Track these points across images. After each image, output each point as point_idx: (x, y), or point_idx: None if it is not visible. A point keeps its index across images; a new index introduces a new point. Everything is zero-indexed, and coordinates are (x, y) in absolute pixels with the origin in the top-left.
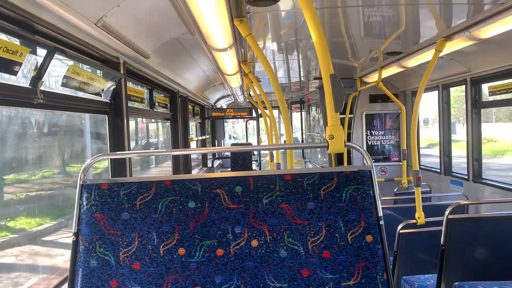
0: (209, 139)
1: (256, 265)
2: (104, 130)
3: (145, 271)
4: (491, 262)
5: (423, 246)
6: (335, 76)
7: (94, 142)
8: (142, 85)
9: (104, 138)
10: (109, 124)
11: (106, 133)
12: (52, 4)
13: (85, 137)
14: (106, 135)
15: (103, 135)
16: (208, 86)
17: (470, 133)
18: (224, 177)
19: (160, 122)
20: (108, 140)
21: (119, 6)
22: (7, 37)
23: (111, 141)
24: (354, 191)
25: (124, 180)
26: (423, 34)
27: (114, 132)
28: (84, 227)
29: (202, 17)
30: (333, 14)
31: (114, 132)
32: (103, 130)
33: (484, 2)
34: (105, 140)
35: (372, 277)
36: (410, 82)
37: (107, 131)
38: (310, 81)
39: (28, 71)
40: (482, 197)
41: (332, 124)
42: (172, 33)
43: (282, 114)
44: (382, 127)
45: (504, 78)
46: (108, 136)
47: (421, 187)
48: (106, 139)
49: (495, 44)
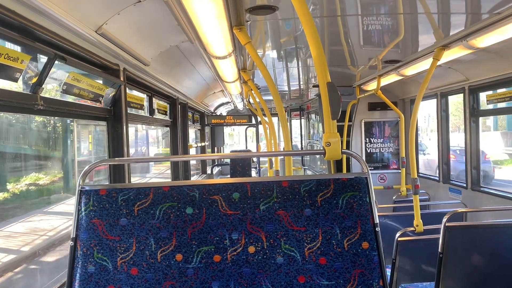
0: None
1: (253, 271)
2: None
3: (143, 276)
4: (489, 270)
5: (422, 254)
6: (332, 84)
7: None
8: (142, 92)
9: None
10: (109, 131)
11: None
12: (53, 12)
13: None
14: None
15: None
16: (207, 93)
17: (469, 142)
18: (222, 184)
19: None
20: (108, 146)
21: (119, 14)
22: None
23: (110, 147)
24: (350, 198)
25: (122, 186)
26: (421, 43)
27: (114, 138)
28: (82, 233)
29: (201, 25)
30: (332, 23)
31: (114, 138)
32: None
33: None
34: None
35: (368, 283)
36: (409, 90)
37: (107, 138)
38: (310, 88)
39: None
40: (480, 205)
41: (329, 132)
42: (171, 40)
43: (280, 121)
44: (381, 135)
45: (501, 86)
46: (108, 142)
47: (420, 195)
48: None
49: (492, 53)
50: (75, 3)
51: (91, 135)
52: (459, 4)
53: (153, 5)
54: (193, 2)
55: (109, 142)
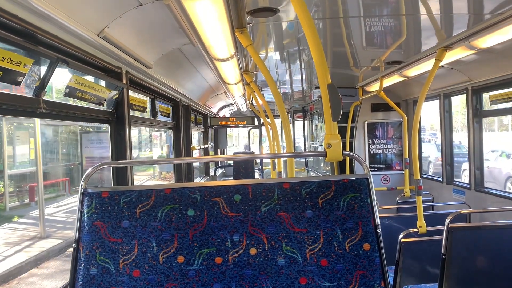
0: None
1: (255, 273)
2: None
3: (145, 278)
4: (492, 271)
5: (425, 255)
6: (333, 85)
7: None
8: (145, 95)
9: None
10: (112, 133)
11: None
12: (55, 16)
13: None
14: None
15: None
16: (210, 95)
17: (472, 142)
18: (223, 186)
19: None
20: (111, 148)
21: (121, 17)
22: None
23: (113, 150)
24: (351, 200)
25: (124, 189)
26: (424, 44)
27: (117, 141)
28: (84, 235)
29: (203, 28)
30: (335, 24)
31: (117, 141)
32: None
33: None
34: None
35: (370, 285)
36: (411, 91)
37: (110, 140)
38: (313, 90)
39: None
40: (484, 206)
41: (330, 133)
42: (173, 43)
43: (282, 123)
44: (384, 136)
45: (504, 87)
46: (111, 145)
47: (423, 196)
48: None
49: (495, 53)
50: (77, 7)
51: (33, 138)
52: (461, 5)
53: (155, 8)
54: (194, 5)
55: (112, 144)
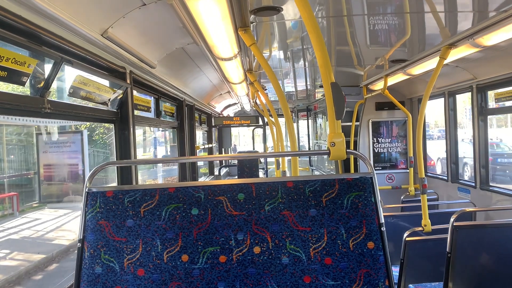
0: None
1: (259, 271)
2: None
3: (149, 277)
4: (497, 269)
5: (430, 254)
6: (336, 84)
7: None
8: (149, 94)
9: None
10: (116, 133)
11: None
12: (59, 16)
13: None
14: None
15: None
16: (214, 94)
17: (477, 140)
18: (227, 184)
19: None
20: (115, 148)
21: (125, 17)
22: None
23: (117, 149)
24: (355, 198)
25: (128, 188)
26: (428, 42)
27: (121, 140)
28: (89, 234)
29: (206, 27)
30: (339, 23)
31: (121, 140)
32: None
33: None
34: None
35: (374, 283)
36: (416, 89)
37: (114, 140)
38: (317, 89)
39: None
40: (490, 205)
41: (334, 132)
42: (177, 43)
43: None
44: (389, 135)
45: (510, 85)
46: (115, 145)
47: (428, 195)
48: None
49: (500, 51)
50: (80, 7)
51: None
52: (466, 2)
53: (158, 8)
54: (198, 4)
55: (116, 144)
